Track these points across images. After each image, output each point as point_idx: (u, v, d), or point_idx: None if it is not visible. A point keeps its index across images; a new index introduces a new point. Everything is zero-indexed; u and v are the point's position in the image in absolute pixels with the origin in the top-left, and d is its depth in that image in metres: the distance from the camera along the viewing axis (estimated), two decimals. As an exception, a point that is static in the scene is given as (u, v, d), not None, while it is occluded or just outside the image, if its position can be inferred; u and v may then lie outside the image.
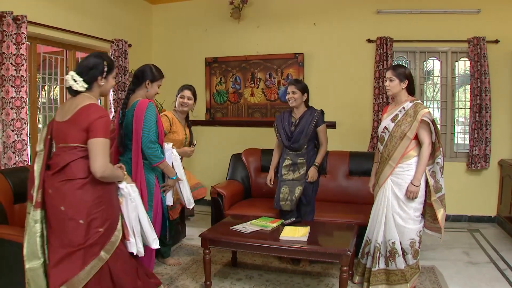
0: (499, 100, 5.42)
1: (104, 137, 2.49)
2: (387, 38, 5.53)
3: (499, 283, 3.79)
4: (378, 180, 3.65)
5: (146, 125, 3.21)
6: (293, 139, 4.14)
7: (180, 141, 4.13)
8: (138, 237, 2.81)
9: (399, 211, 3.48)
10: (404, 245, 3.47)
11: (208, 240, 3.61)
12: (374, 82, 5.66)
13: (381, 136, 3.64)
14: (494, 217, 5.63)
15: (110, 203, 2.64)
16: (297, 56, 6.03)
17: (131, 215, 2.76)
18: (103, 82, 2.65)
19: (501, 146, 5.50)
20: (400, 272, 3.46)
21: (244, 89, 6.35)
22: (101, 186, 2.57)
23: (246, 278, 3.92)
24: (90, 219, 2.51)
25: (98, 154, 2.46)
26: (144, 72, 3.45)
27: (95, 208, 2.52)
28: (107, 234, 2.58)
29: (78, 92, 2.57)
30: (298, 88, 4.12)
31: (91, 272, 2.50)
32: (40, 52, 4.67)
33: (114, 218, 2.65)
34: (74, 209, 2.49)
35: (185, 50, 6.57)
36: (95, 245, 2.52)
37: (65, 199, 2.50)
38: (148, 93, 3.46)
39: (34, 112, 4.53)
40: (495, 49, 5.36)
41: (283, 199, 4.12)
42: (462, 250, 4.63)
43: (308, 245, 3.36)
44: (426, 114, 3.34)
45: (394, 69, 3.52)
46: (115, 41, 5.39)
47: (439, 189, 3.47)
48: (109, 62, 2.67)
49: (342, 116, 5.95)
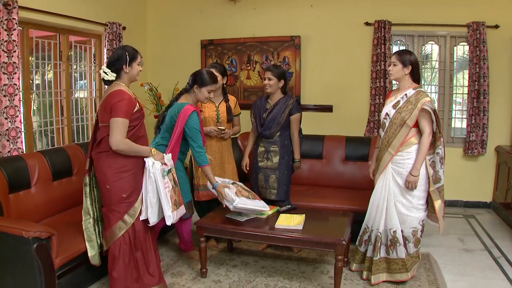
0: (497, 86, 5.38)
1: (122, 117, 2.91)
2: (385, 22, 5.45)
3: (492, 271, 3.82)
4: (378, 167, 3.63)
5: (193, 133, 3.51)
6: (264, 126, 4.10)
7: (210, 119, 4.21)
8: (151, 207, 3.13)
9: (401, 199, 3.48)
10: (405, 233, 3.48)
11: (204, 228, 3.61)
12: (372, 66, 5.60)
13: (382, 122, 3.61)
14: (489, 203, 5.66)
15: (132, 173, 3.09)
16: (294, 38, 5.95)
17: (148, 187, 3.11)
18: (128, 69, 3.07)
19: (498, 133, 5.49)
20: (401, 261, 3.48)
21: (240, 71, 6.29)
22: (123, 158, 3.02)
23: (241, 264, 3.94)
24: (115, 185, 3.03)
25: (114, 130, 2.90)
26: (195, 76, 3.68)
27: (118, 176, 3.03)
28: (130, 200, 3.09)
29: (111, 82, 3.07)
30: (274, 74, 4.01)
31: (118, 233, 3.06)
32: (32, 37, 4.58)
33: (136, 187, 3.12)
34: (103, 176, 3.05)
35: (180, 32, 6.47)
36: (119, 208, 3.06)
37: (97, 168, 3.09)
38: (197, 97, 3.69)
39: (27, 99, 4.46)
40: (495, 35, 5.30)
41: (260, 186, 4.17)
42: (457, 236, 4.65)
43: (303, 234, 3.36)
44: (427, 103, 3.29)
45: (399, 54, 3.46)
46: (109, 24, 5.30)
47: (438, 180, 3.45)
48: (131, 52, 3.08)
49: (338, 100, 5.92)
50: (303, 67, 5.96)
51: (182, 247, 4.10)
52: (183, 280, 3.63)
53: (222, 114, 4.25)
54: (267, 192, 4.13)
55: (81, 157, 4.13)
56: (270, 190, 4.12)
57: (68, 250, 3.09)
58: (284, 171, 4.11)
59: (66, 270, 3.10)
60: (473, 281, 3.63)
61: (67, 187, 3.91)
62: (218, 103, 4.26)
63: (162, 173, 3.15)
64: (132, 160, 3.07)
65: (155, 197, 3.13)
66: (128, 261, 3.12)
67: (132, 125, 3.03)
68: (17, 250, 2.85)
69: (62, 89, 5.02)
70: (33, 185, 3.56)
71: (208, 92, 3.65)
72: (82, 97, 5.60)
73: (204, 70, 3.73)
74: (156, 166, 3.11)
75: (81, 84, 5.60)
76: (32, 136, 4.60)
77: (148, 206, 3.12)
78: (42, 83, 4.90)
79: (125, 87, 3.07)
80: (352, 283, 3.59)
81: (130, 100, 2.99)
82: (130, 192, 3.08)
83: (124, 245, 3.09)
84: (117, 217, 3.06)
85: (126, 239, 3.09)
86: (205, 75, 3.63)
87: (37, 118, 4.94)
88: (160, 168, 3.13)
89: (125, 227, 3.07)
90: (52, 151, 3.99)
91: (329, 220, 3.90)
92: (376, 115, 5.60)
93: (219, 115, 4.24)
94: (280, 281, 3.62)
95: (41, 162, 3.69)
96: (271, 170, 4.11)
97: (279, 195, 4.11)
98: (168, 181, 3.19)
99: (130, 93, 3.06)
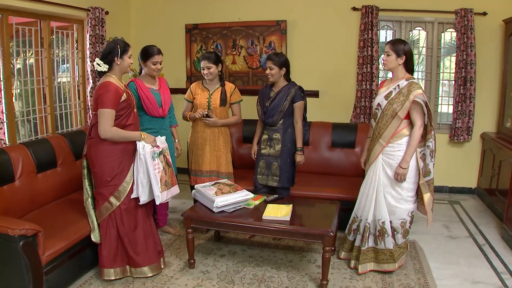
0: (484, 73, 5.40)
1: (108, 108, 3.13)
2: (372, 7, 5.40)
3: (477, 259, 3.88)
4: (369, 157, 3.62)
5: None
6: (267, 114, 4.11)
7: (200, 106, 4.26)
8: (142, 186, 3.36)
9: (391, 190, 3.48)
10: (394, 224, 3.50)
11: (191, 220, 3.60)
12: (359, 52, 5.57)
13: (374, 113, 3.58)
14: (474, 188, 5.74)
15: (117, 158, 3.28)
16: (280, 23, 5.88)
17: (139, 169, 3.34)
18: (120, 61, 3.27)
19: (484, 119, 5.52)
20: (389, 252, 3.51)
21: (225, 56, 6.21)
22: (109, 144, 3.23)
23: (229, 254, 3.95)
24: (101, 169, 3.26)
25: (101, 121, 3.14)
26: None
27: (103, 161, 3.25)
28: (114, 183, 3.30)
29: (104, 73, 3.26)
30: (275, 63, 4.02)
31: (104, 213, 3.33)
32: (12, 23, 4.44)
33: (121, 172, 3.31)
34: (91, 161, 3.31)
35: (164, 16, 6.35)
36: (104, 190, 3.30)
37: (88, 152, 3.33)
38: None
39: (9, 88, 4.35)
40: (483, 22, 5.28)
41: (260, 173, 4.20)
42: (443, 223, 4.71)
43: (290, 225, 3.37)
44: (418, 95, 3.26)
45: (393, 44, 3.41)
46: (91, 9, 5.16)
47: (428, 173, 3.44)
48: (122, 46, 3.28)
49: (325, 85, 5.89)
50: (289, 52, 5.89)
51: (158, 221, 4.27)
52: (171, 272, 3.63)
53: (214, 101, 4.24)
54: (269, 179, 4.17)
55: (65, 148, 4.06)
56: (272, 177, 4.15)
57: (55, 245, 3.04)
58: (286, 159, 4.12)
59: (53, 266, 3.07)
60: (458, 269, 3.69)
61: (52, 179, 3.84)
62: (212, 90, 4.26)
63: (152, 155, 3.37)
64: (119, 146, 3.29)
65: (146, 178, 3.36)
66: (116, 240, 3.39)
67: (119, 114, 3.23)
68: (3, 248, 2.81)
69: (44, 77, 4.90)
70: (17, 179, 3.48)
71: (153, 64, 3.89)
72: (64, 82, 5.49)
73: None
74: (146, 149, 3.32)
75: (64, 68, 5.48)
76: (15, 126, 4.50)
77: (139, 186, 3.36)
78: (23, 71, 4.77)
79: (115, 78, 3.26)
80: (339, 272, 3.62)
81: (117, 91, 3.19)
82: (114, 176, 3.29)
83: (111, 224, 3.35)
84: (102, 198, 3.32)
85: (113, 219, 3.35)
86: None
87: (19, 103, 4.83)
88: (150, 151, 3.35)
89: (111, 208, 3.32)
90: (35, 143, 3.91)
91: (316, 210, 3.90)
92: (363, 100, 5.59)
93: (210, 102, 4.23)
94: (268, 271, 3.63)
95: (24, 155, 3.60)
96: (274, 158, 4.13)
97: (281, 182, 4.14)
98: (158, 162, 3.40)
99: (118, 84, 3.25)
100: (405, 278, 3.50)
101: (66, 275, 3.29)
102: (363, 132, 4.88)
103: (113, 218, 3.34)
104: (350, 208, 3.85)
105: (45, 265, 2.95)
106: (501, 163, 4.86)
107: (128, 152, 3.36)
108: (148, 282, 3.43)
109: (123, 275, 3.47)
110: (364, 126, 5.05)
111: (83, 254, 3.44)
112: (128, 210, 3.38)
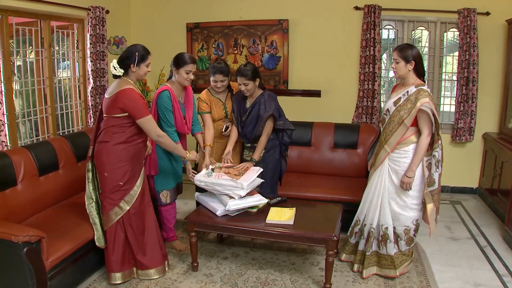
0: (486, 73, 5.37)
1: (147, 114, 3.16)
2: (375, 6, 5.37)
3: (479, 261, 3.89)
4: (375, 162, 3.58)
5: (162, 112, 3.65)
6: (244, 129, 3.98)
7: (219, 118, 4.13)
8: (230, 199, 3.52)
9: (396, 198, 3.45)
10: (397, 230, 3.48)
11: (194, 224, 3.59)
12: (361, 51, 5.55)
13: (382, 118, 3.55)
14: (475, 188, 5.74)
15: (130, 164, 3.25)
16: (282, 22, 5.85)
17: (213, 192, 3.62)
18: (135, 69, 3.20)
19: (486, 120, 5.51)
20: (390, 258, 3.50)
21: (227, 55, 6.18)
22: (122, 150, 3.21)
23: (232, 256, 3.95)
24: (112, 174, 3.21)
25: (149, 128, 3.19)
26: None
27: (115, 165, 3.20)
28: (126, 188, 3.28)
29: (119, 76, 3.20)
30: (248, 78, 3.80)
31: (114, 218, 3.29)
32: (12, 23, 4.41)
33: (134, 175, 3.31)
34: (101, 164, 3.24)
35: (165, 15, 6.32)
36: (114, 195, 3.26)
37: (97, 156, 3.26)
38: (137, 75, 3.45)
39: (9, 89, 4.33)
40: (486, 22, 5.25)
41: None
42: (444, 224, 4.71)
43: (294, 229, 3.36)
44: (425, 104, 3.18)
45: (400, 51, 3.32)
46: (91, 8, 5.13)
47: (432, 183, 3.37)
48: (141, 53, 3.20)
49: (327, 85, 5.88)
50: (291, 52, 5.88)
51: (164, 235, 4.04)
52: (174, 275, 3.62)
53: (229, 110, 4.13)
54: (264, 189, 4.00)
55: (67, 150, 4.04)
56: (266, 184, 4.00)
57: (59, 250, 3.03)
58: (268, 164, 4.00)
59: (57, 271, 3.06)
60: (460, 271, 3.69)
61: (54, 182, 3.82)
62: (224, 99, 4.13)
63: (208, 174, 3.65)
64: (132, 151, 3.27)
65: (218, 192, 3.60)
66: (124, 244, 3.37)
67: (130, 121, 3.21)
68: (7, 255, 2.80)
69: (45, 77, 4.87)
70: (19, 182, 3.46)
71: (186, 73, 3.65)
72: (65, 78, 5.46)
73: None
74: (201, 178, 3.65)
75: (64, 65, 5.45)
76: (16, 128, 4.48)
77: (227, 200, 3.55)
78: (24, 68, 4.74)
79: (133, 84, 3.22)
80: (342, 274, 3.62)
81: (142, 97, 3.20)
82: (127, 180, 3.27)
83: (119, 228, 3.33)
84: (111, 204, 3.27)
85: (121, 223, 3.32)
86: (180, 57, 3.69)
87: (19, 101, 4.80)
88: (203, 174, 3.66)
89: (121, 213, 3.29)
90: (37, 146, 3.88)
91: (319, 213, 3.87)
92: (365, 100, 5.58)
93: (227, 112, 4.13)
94: (271, 274, 3.63)
95: (26, 158, 3.59)
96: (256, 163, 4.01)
97: (263, 188, 3.97)
98: (217, 174, 3.63)
99: (138, 91, 3.24)
100: (408, 281, 3.50)
101: (70, 279, 3.29)
102: (365, 133, 4.88)
103: (121, 222, 3.32)
104: (352, 210, 3.84)
105: (49, 270, 2.94)
106: (503, 164, 4.86)
107: (139, 157, 3.37)
108: (152, 286, 3.43)
109: (129, 278, 3.48)
110: (367, 126, 5.04)
111: (87, 258, 3.43)
112: (137, 214, 3.38)
